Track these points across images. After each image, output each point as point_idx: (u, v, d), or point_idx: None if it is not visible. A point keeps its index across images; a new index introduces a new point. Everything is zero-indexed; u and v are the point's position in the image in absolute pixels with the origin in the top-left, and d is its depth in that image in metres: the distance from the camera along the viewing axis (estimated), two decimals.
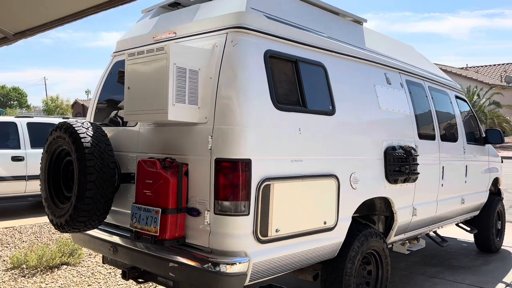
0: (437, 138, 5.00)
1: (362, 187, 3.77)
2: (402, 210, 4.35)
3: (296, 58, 3.35)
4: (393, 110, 4.32)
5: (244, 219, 2.84)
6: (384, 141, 4.10)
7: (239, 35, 3.02)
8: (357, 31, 4.41)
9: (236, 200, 2.81)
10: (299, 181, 3.17)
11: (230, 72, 2.93)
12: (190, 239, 3.01)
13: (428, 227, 5.06)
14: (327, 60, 3.68)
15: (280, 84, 3.23)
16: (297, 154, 3.19)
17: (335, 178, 3.48)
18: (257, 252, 2.90)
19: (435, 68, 5.89)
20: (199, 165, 2.95)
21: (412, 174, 4.27)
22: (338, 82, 3.72)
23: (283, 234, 3.06)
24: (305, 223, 3.24)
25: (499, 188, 7.12)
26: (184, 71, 2.91)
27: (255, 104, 2.94)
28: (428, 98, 5.05)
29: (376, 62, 4.30)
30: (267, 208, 2.94)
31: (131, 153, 3.50)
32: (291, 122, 3.18)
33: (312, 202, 3.29)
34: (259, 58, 3.04)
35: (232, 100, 2.89)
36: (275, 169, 3.01)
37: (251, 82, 2.95)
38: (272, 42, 3.20)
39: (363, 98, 3.98)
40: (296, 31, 3.43)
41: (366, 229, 3.94)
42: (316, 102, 3.47)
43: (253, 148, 2.88)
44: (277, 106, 3.07)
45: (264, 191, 2.91)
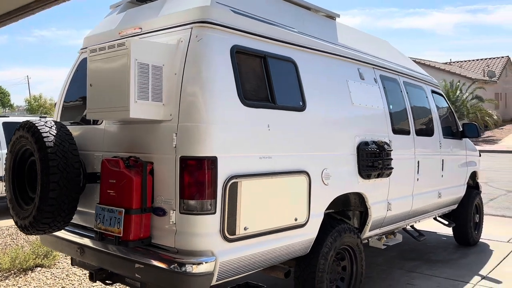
0: (412, 133, 5.00)
1: (334, 183, 3.74)
2: (376, 205, 4.34)
3: (264, 54, 3.30)
4: (366, 106, 4.30)
5: (211, 218, 2.78)
6: (357, 136, 4.08)
7: (203, 30, 2.96)
8: (330, 26, 4.38)
9: (202, 198, 2.75)
10: (268, 178, 3.13)
11: (194, 68, 2.87)
12: (156, 240, 2.95)
13: (404, 221, 5.06)
14: (298, 55, 3.63)
15: (247, 80, 3.18)
16: (266, 150, 3.15)
17: (306, 174, 3.44)
18: (225, 251, 2.85)
19: (411, 63, 5.90)
20: (164, 163, 2.89)
21: (386, 169, 4.26)
22: (309, 77, 3.68)
23: (252, 232, 3.02)
24: (275, 220, 3.20)
25: (477, 182, 7.18)
26: (146, 67, 2.84)
27: (220, 100, 2.88)
28: (403, 93, 5.04)
29: (349, 57, 4.28)
30: (234, 206, 2.89)
31: (97, 152, 3.42)
32: (260, 118, 3.13)
33: (282, 199, 3.25)
34: (225, 53, 2.99)
35: (197, 96, 2.83)
36: (243, 166, 2.96)
37: (216, 78, 2.89)
38: (239, 37, 3.14)
39: (335, 93, 3.95)
40: (264, 26, 3.38)
41: (340, 224, 3.92)
42: (286, 98, 3.42)
43: (219, 145, 2.83)
44: (244, 103, 3.02)
45: (231, 189, 2.86)
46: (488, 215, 8.95)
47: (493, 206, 9.87)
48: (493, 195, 11.12)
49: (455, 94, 27.27)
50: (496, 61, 38.85)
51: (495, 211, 9.35)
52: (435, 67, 33.44)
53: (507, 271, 5.46)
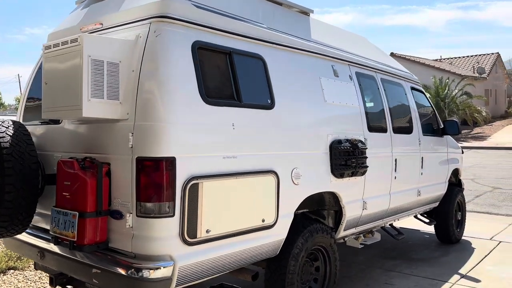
0: (389, 130, 4.92)
1: (305, 182, 3.66)
2: (350, 204, 4.26)
3: (230, 50, 3.20)
4: (340, 103, 4.21)
5: (169, 221, 2.68)
6: (329, 135, 3.99)
7: (162, 25, 2.85)
8: (303, 22, 4.28)
9: (160, 201, 2.65)
10: (232, 179, 3.03)
11: (151, 64, 2.76)
12: (114, 243, 2.84)
13: (382, 220, 4.99)
14: (266, 52, 3.53)
15: (211, 77, 3.08)
16: (230, 150, 3.05)
17: (274, 174, 3.35)
18: (184, 255, 2.75)
19: (390, 60, 5.82)
20: (120, 164, 2.78)
21: (360, 167, 4.18)
22: (279, 75, 3.59)
23: (214, 234, 2.92)
24: (241, 222, 3.11)
25: (460, 179, 7.14)
26: (101, 64, 2.72)
27: (179, 98, 2.78)
28: (380, 90, 4.96)
29: (323, 54, 4.18)
30: (195, 208, 2.79)
31: (57, 153, 3.30)
32: (223, 117, 3.03)
33: (248, 199, 3.16)
34: (185, 49, 2.88)
35: (154, 94, 2.72)
36: (205, 167, 2.86)
37: (175, 74, 2.78)
38: (202, 32, 3.04)
39: (306, 91, 3.86)
40: (230, 22, 3.28)
41: (312, 224, 3.84)
42: (253, 95, 3.33)
43: (177, 145, 2.73)
44: (206, 101, 2.92)
45: (191, 190, 2.76)
46: (473, 212, 8.94)
47: (478, 203, 9.86)
48: (479, 192, 11.11)
49: (444, 91, 27.32)
50: (486, 57, 39.01)
51: (480, 208, 9.33)
52: (424, 64, 33.50)
53: (487, 269, 5.42)
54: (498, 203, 9.74)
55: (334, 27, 4.94)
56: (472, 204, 9.71)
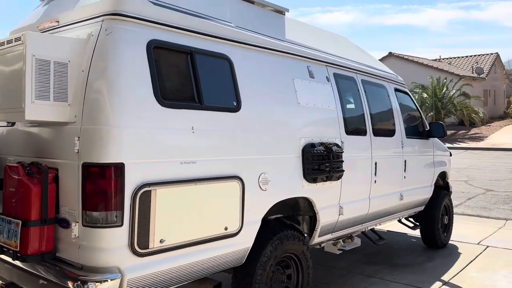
0: (369, 133, 4.78)
1: (274, 188, 3.51)
2: (325, 210, 4.11)
3: (191, 50, 3.05)
4: (315, 106, 4.06)
5: (116, 231, 2.54)
6: (302, 138, 3.84)
7: (114, 23, 2.70)
8: (277, 22, 4.13)
9: (106, 210, 2.50)
10: (191, 185, 2.88)
11: (101, 63, 2.61)
12: (62, 253, 2.70)
13: (361, 225, 4.85)
14: (234, 52, 3.38)
15: (168, 78, 2.93)
16: (189, 155, 2.90)
17: (239, 180, 3.21)
18: (134, 266, 2.61)
19: (373, 61, 5.67)
20: (68, 170, 2.64)
21: (335, 172, 4.03)
22: (247, 76, 3.44)
23: (170, 244, 2.77)
24: (200, 231, 2.96)
25: (447, 182, 6.99)
26: (47, 63, 2.58)
27: (130, 100, 2.63)
28: (360, 92, 4.81)
29: (297, 54, 4.03)
30: (147, 217, 2.64)
31: (10, 156, 3.16)
32: (182, 120, 2.88)
33: (209, 207, 3.01)
34: (139, 48, 2.73)
35: (102, 95, 2.57)
36: (159, 173, 2.72)
37: (126, 75, 2.63)
38: (159, 31, 2.89)
39: (277, 93, 3.71)
40: (191, 20, 3.12)
41: (282, 231, 3.70)
42: (216, 98, 3.18)
43: (127, 150, 2.58)
44: (162, 103, 2.77)
45: (142, 198, 2.61)
46: (463, 215, 8.80)
47: (469, 205, 9.72)
48: (471, 194, 10.96)
49: (441, 91, 27.14)
50: (485, 57, 38.81)
51: (471, 211, 9.18)
52: (422, 63, 33.30)
53: (471, 275, 5.28)
54: (490, 206, 9.59)
55: (311, 27, 4.80)
56: (463, 206, 9.57)
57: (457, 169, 15.08)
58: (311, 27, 4.80)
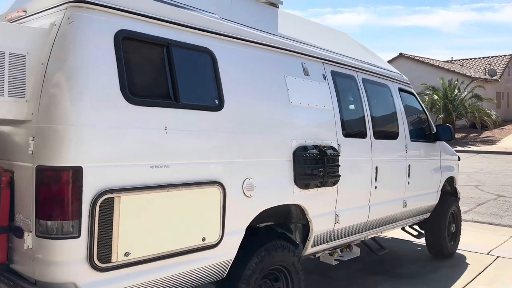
0: (369, 135, 4.46)
1: (260, 194, 3.22)
2: (319, 218, 3.80)
3: (168, 42, 2.77)
4: (309, 105, 3.76)
5: (73, 243, 2.27)
6: (293, 140, 3.54)
7: (78, 11, 2.43)
8: (269, 15, 3.83)
9: (62, 219, 2.23)
10: (163, 192, 2.60)
11: (61, 55, 2.35)
12: (17, 265, 2.44)
13: (360, 234, 4.53)
14: (217, 45, 3.10)
15: (139, 72, 2.65)
16: (161, 158, 2.62)
17: (220, 185, 2.92)
18: (94, 282, 2.33)
19: (376, 59, 5.34)
20: (23, 173, 2.37)
21: (330, 177, 3.72)
22: (232, 72, 3.15)
23: (136, 258, 2.49)
24: (173, 242, 2.68)
25: (455, 188, 6.63)
26: (1, 55, 2.32)
27: (92, 96, 2.36)
28: (360, 91, 4.49)
29: (290, 50, 3.73)
30: (109, 227, 2.37)
31: None
32: (153, 118, 2.60)
33: (183, 216, 2.73)
34: (105, 39, 2.46)
35: (59, 91, 2.31)
36: (124, 178, 2.44)
37: (88, 68, 2.36)
38: (131, 20, 2.61)
39: (266, 91, 3.42)
40: (169, 9, 2.84)
41: (271, 241, 3.40)
42: (195, 95, 2.90)
43: (86, 152, 2.30)
44: (130, 100, 2.49)
45: (104, 206, 2.34)
46: (473, 222, 8.42)
47: (480, 211, 9.31)
48: (482, 199, 10.54)
49: (453, 93, 26.57)
50: (499, 59, 38.03)
51: (481, 218, 8.78)
52: (434, 65, 32.71)
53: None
54: (501, 213, 9.18)
55: (308, 22, 4.50)
56: (473, 213, 9.17)
57: (467, 173, 14.63)
58: (308, 21, 4.50)
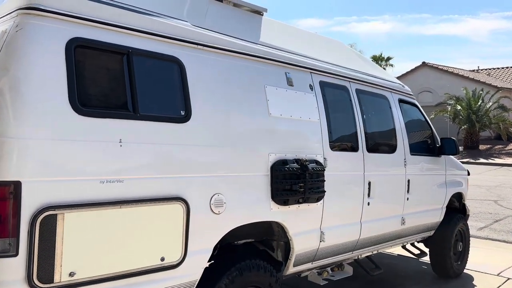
0: (362, 149, 4.22)
1: (231, 211, 3.04)
2: (301, 236, 3.60)
3: (128, 50, 2.64)
4: (291, 117, 3.57)
5: (10, 262, 2.14)
6: (272, 153, 3.36)
7: (27, 18, 2.33)
8: (251, 22, 3.68)
9: None
10: (114, 208, 2.46)
11: (5, 64, 2.24)
12: None
13: (351, 252, 4.28)
14: (187, 54, 2.96)
15: (94, 82, 2.53)
16: (113, 172, 2.48)
17: (183, 201, 2.76)
18: None
19: (373, 68, 5.11)
20: None
21: (313, 192, 3.52)
22: (202, 82, 3.00)
23: (83, 278, 2.35)
24: (126, 262, 2.52)
25: (464, 204, 6.29)
26: None
27: (37, 107, 2.24)
28: (353, 102, 4.28)
29: (271, 59, 3.56)
30: (51, 245, 2.23)
31: None
32: (106, 131, 2.47)
33: (139, 234, 2.57)
34: (55, 47, 2.35)
35: (2, 101, 2.20)
36: (70, 194, 2.31)
37: (34, 77, 2.25)
38: (86, 28, 2.50)
39: (242, 101, 3.25)
40: (130, 16, 2.72)
41: (244, 260, 3.22)
42: (157, 106, 2.76)
43: (27, 166, 2.18)
44: (79, 111, 2.37)
45: (45, 223, 2.21)
46: (487, 240, 8.00)
47: (496, 228, 8.86)
48: (500, 215, 10.06)
49: (477, 103, 25.80)
50: None
51: (497, 235, 8.35)
52: (458, 74, 31.89)
53: None
54: None
55: (298, 30, 4.32)
56: (488, 229, 8.74)
57: (487, 187, 14.06)
58: (298, 30, 4.33)
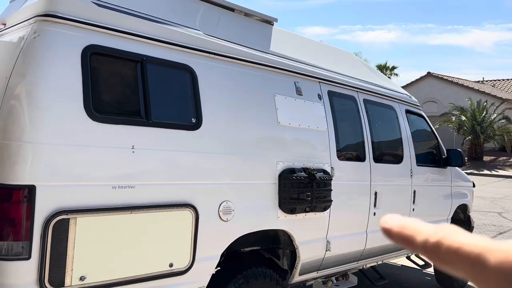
0: (369, 159, 4.25)
1: (239, 218, 3.07)
2: (308, 245, 3.61)
3: (142, 58, 2.68)
4: (300, 126, 3.60)
5: (23, 264, 2.17)
6: (280, 162, 3.39)
7: (45, 25, 2.38)
8: (261, 32, 3.72)
9: (11, 239, 2.15)
10: (126, 214, 2.49)
11: (22, 69, 2.29)
12: None
13: (356, 262, 4.29)
14: (199, 63, 3.00)
15: (108, 89, 2.57)
16: (126, 178, 2.51)
17: (192, 208, 2.79)
18: None
19: (381, 79, 5.15)
20: None
21: (320, 201, 3.54)
22: (213, 90, 3.04)
23: (93, 282, 2.37)
24: (136, 267, 2.55)
25: (469, 216, 6.28)
26: None
27: (52, 112, 2.28)
28: (360, 112, 4.30)
29: (281, 68, 3.60)
30: (63, 249, 2.26)
31: None
32: (119, 137, 2.51)
33: (149, 239, 2.60)
34: (72, 54, 2.39)
35: (19, 105, 2.24)
36: (82, 198, 2.34)
37: (50, 83, 2.30)
38: (101, 35, 2.54)
39: (251, 110, 3.29)
40: (145, 25, 2.77)
41: (251, 268, 3.23)
42: (169, 113, 2.80)
43: (41, 170, 2.22)
44: (93, 117, 2.41)
45: (58, 227, 2.24)
46: None
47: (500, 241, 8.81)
48: (504, 228, 10.01)
49: (481, 115, 25.76)
50: None
51: None
52: (463, 85, 31.87)
53: None
54: None
55: (308, 40, 4.36)
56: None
57: (492, 199, 14.00)
58: (308, 40, 4.36)
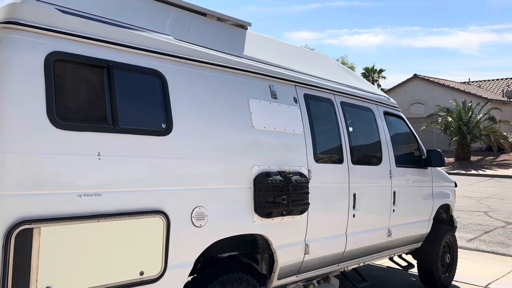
0: (347, 161, 4.25)
1: (212, 224, 3.04)
2: (285, 248, 3.59)
3: (109, 63, 2.65)
4: (275, 129, 3.59)
5: None
6: (255, 166, 3.37)
7: (6, 32, 2.34)
8: (235, 36, 3.72)
9: None
10: (92, 222, 2.45)
11: None
12: None
13: (337, 265, 4.28)
14: (168, 67, 2.97)
15: (73, 95, 2.53)
16: (92, 186, 2.47)
17: (163, 215, 2.75)
18: None
19: (359, 82, 5.16)
20: None
21: (296, 205, 3.52)
22: (184, 95, 3.02)
23: None
24: (104, 276, 2.50)
25: (452, 216, 6.31)
26: None
27: (13, 120, 2.24)
28: (337, 115, 4.31)
29: (256, 72, 3.59)
30: (27, 259, 2.22)
31: None
32: (84, 144, 2.47)
33: (118, 247, 2.56)
34: (34, 60, 2.36)
35: None
36: (46, 207, 2.29)
37: (11, 90, 2.26)
38: (65, 41, 2.51)
39: (224, 114, 3.27)
40: (112, 30, 2.73)
41: (227, 274, 3.20)
42: (137, 119, 2.76)
43: (2, 179, 2.17)
44: (57, 124, 2.37)
45: (20, 237, 2.19)
46: (476, 251, 8.02)
47: (485, 240, 8.89)
48: (489, 227, 10.09)
49: (467, 115, 26.05)
50: None
51: (486, 246, 8.37)
52: (449, 86, 32.24)
53: None
54: (508, 242, 8.74)
55: (282, 44, 4.36)
56: (478, 241, 8.76)
57: (478, 198, 14.13)
58: (282, 44, 4.37)
